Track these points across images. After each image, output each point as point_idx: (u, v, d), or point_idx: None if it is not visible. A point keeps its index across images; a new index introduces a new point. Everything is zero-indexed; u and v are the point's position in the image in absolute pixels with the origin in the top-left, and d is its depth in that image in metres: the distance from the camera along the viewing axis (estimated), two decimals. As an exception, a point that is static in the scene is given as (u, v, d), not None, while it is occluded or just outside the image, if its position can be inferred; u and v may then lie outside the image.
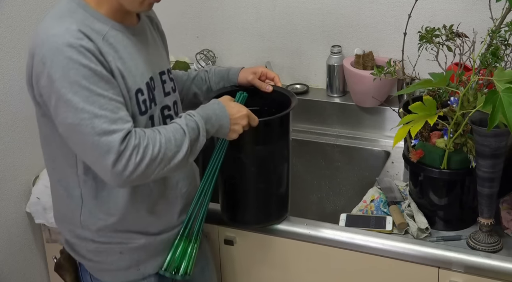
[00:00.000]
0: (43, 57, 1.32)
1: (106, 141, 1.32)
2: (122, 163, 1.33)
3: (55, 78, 1.31)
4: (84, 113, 1.32)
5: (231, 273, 1.92)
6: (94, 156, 1.35)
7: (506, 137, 1.53)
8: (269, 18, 2.39)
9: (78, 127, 1.33)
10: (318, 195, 2.29)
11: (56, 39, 1.32)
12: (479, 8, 2.07)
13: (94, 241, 1.55)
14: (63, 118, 1.34)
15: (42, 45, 1.33)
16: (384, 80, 1.84)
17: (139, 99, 1.45)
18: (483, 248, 1.63)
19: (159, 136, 1.39)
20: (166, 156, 1.38)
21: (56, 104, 1.34)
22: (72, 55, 1.31)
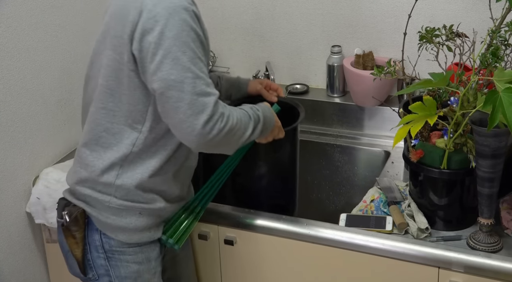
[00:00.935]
0: (156, 15, 1.42)
1: (203, 101, 1.44)
2: (210, 125, 1.45)
3: (168, 36, 1.42)
4: (189, 72, 1.43)
5: (231, 273, 1.92)
6: (186, 114, 1.44)
7: (506, 137, 1.53)
8: (269, 18, 2.39)
9: (179, 85, 1.43)
10: (318, 195, 2.29)
11: (171, 1, 1.43)
12: (479, 8, 2.07)
13: (117, 197, 1.60)
14: (167, 74, 1.43)
15: (158, 4, 1.43)
16: (384, 80, 1.84)
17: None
18: (483, 248, 1.63)
19: (234, 111, 1.53)
20: (239, 131, 1.53)
21: (162, 60, 1.43)
22: (186, 18, 1.43)
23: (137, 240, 1.64)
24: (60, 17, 2.10)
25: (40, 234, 2.12)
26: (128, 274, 1.66)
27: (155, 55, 1.43)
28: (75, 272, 1.70)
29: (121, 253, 1.65)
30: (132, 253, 1.65)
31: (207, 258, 1.93)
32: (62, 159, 2.16)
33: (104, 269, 1.65)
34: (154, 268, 1.69)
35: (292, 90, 2.39)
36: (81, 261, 1.65)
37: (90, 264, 1.66)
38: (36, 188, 2.02)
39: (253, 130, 1.60)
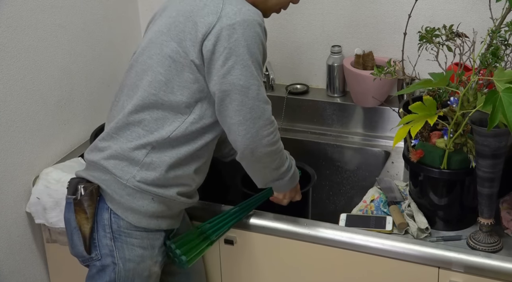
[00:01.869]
0: (236, 23, 1.55)
1: (263, 108, 1.60)
2: (265, 132, 1.61)
3: (244, 44, 1.55)
4: (255, 80, 1.58)
5: (231, 273, 1.92)
6: (245, 117, 1.58)
7: (506, 137, 1.53)
8: (269, 18, 2.38)
9: (245, 90, 1.57)
10: (318, 195, 2.29)
11: (251, 14, 1.58)
12: (479, 8, 2.07)
13: (136, 178, 1.63)
14: (236, 78, 1.56)
15: (238, 14, 1.56)
16: (384, 80, 1.84)
17: None
18: (483, 248, 1.63)
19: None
20: (280, 158, 1.71)
21: (233, 65, 1.56)
22: (260, 32, 1.59)
23: (145, 224, 1.67)
24: (60, 17, 2.10)
25: (40, 234, 2.12)
26: (132, 257, 1.67)
27: (228, 60, 1.55)
28: (77, 251, 1.69)
29: (128, 235, 1.66)
30: (138, 237, 1.67)
31: (207, 258, 1.93)
32: (62, 159, 2.15)
33: (109, 249, 1.66)
34: (156, 257, 1.71)
35: (292, 90, 2.39)
36: (88, 238, 1.66)
37: (95, 243, 1.66)
38: (36, 188, 2.02)
39: (286, 171, 1.75)
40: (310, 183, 1.99)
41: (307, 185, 1.98)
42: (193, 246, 1.74)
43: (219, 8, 1.58)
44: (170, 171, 1.65)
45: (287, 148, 1.77)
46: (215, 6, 1.58)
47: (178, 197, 1.69)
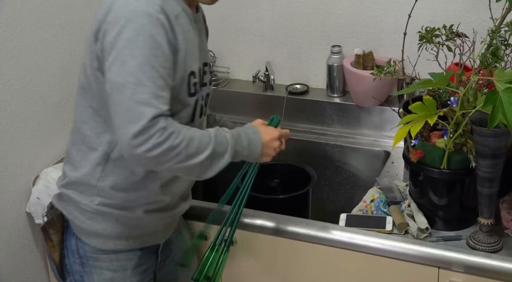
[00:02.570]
0: (120, 15, 1.39)
1: (139, 111, 1.36)
2: (143, 138, 1.35)
3: (123, 38, 1.37)
4: (132, 78, 1.36)
5: (231, 273, 1.92)
6: (122, 120, 1.37)
7: (506, 137, 1.53)
8: (269, 18, 2.39)
9: (121, 88, 1.37)
10: (318, 195, 2.29)
11: (139, 4, 1.39)
12: (479, 8, 2.07)
13: (94, 203, 1.57)
14: (114, 75, 1.39)
15: (124, 6, 1.40)
16: (384, 80, 1.84)
17: (190, 81, 1.51)
18: (483, 248, 1.63)
19: (185, 130, 1.41)
20: (185, 151, 1.40)
21: (113, 61, 1.39)
22: (147, 24, 1.38)
23: (112, 247, 1.62)
24: (60, 17, 2.10)
25: (40, 234, 2.12)
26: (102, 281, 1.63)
27: (109, 55, 1.40)
28: (56, 277, 1.68)
29: (95, 260, 1.62)
30: (106, 260, 1.63)
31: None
32: (62, 159, 2.15)
33: (79, 274, 1.64)
34: (129, 278, 1.66)
35: (292, 90, 2.39)
36: (58, 265, 1.64)
37: (68, 268, 1.65)
38: (36, 188, 2.02)
39: (217, 155, 1.46)
40: (310, 183, 1.99)
41: (307, 185, 1.98)
42: (212, 265, 1.66)
43: (110, 2, 1.42)
44: (129, 193, 1.57)
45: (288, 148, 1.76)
46: (109, 1, 1.43)
47: (149, 215, 1.61)
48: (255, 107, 2.41)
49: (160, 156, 1.37)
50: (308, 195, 1.99)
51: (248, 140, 1.54)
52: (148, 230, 1.66)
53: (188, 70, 1.50)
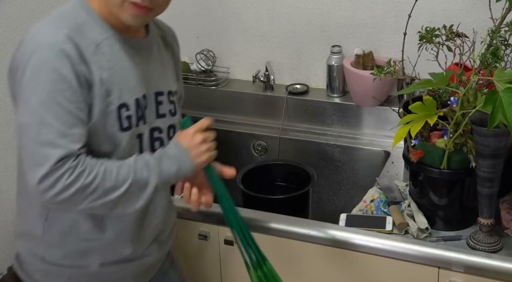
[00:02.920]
0: (26, 49, 1.29)
1: (44, 153, 1.25)
2: (50, 181, 1.25)
3: (26, 75, 1.27)
4: (35, 117, 1.26)
5: (231, 273, 1.92)
6: (28, 164, 1.28)
7: (506, 137, 1.53)
8: (269, 18, 2.39)
9: (25, 130, 1.28)
10: (318, 195, 2.29)
11: (41, 37, 1.29)
12: (479, 8, 2.07)
13: (44, 260, 1.47)
14: (19, 116, 1.31)
15: (31, 38, 1.31)
16: (384, 80, 1.84)
17: (121, 114, 1.37)
18: (483, 248, 1.63)
19: (99, 166, 1.30)
20: (102, 187, 1.29)
21: (19, 100, 1.31)
22: (48, 56, 1.27)
23: None
24: (60, 17, 2.10)
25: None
26: None
27: (17, 94, 1.31)
28: None
29: None
30: None
31: (207, 258, 1.93)
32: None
33: None
34: None
35: (292, 90, 2.39)
36: None
37: None
38: (36, 188, 2.02)
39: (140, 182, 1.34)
40: (310, 183, 1.99)
41: (307, 185, 1.98)
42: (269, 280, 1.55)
43: (25, 36, 1.32)
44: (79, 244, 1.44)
45: (288, 148, 1.77)
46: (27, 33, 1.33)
47: (106, 269, 1.48)
48: (255, 107, 2.41)
49: (73, 196, 1.27)
50: (308, 195, 1.99)
51: (171, 154, 1.40)
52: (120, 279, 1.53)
53: (116, 103, 1.36)
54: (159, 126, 1.47)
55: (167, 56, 1.56)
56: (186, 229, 1.88)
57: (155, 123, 1.46)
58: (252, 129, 2.39)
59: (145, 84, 1.44)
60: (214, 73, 2.51)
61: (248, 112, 2.42)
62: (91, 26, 1.35)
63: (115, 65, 1.36)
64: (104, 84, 1.34)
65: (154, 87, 1.47)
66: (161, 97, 1.48)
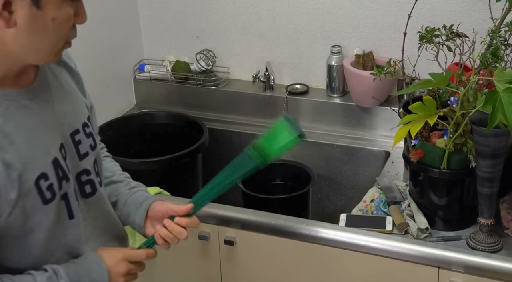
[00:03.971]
0: None
1: None
2: None
3: None
4: None
5: (231, 273, 1.92)
6: None
7: (506, 137, 1.53)
8: (269, 18, 2.39)
9: None
10: (318, 195, 2.29)
11: None
12: (479, 8, 2.07)
13: None
14: None
15: None
16: (384, 80, 1.84)
17: (41, 187, 1.16)
18: (483, 248, 1.63)
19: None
20: None
21: None
22: None
23: None
24: (60, 17, 2.09)
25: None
26: None
27: None
28: None
29: None
30: None
31: (207, 258, 1.93)
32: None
33: None
34: None
35: (292, 90, 2.39)
36: None
37: None
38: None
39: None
40: (310, 183, 1.98)
41: (307, 185, 1.98)
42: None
43: None
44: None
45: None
46: None
47: None
48: (255, 107, 2.41)
49: None
50: (308, 195, 1.99)
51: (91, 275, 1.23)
52: None
53: (32, 179, 1.14)
54: (85, 168, 1.28)
55: (66, 79, 1.31)
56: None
57: (80, 167, 1.27)
58: (252, 129, 2.39)
59: (58, 132, 1.22)
60: (214, 73, 2.51)
61: (248, 112, 2.42)
62: None
63: (17, 136, 1.12)
64: (11, 167, 1.11)
65: (68, 128, 1.25)
66: (78, 136, 1.27)
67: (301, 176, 2.05)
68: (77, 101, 1.32)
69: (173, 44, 2.55)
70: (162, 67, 2.53)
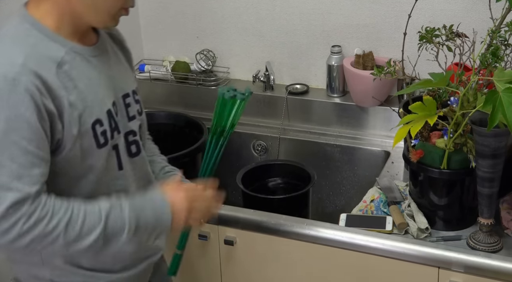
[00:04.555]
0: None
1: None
2: (4, 227, 1.17)
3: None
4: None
5: (231, 273, 1.92)
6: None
7: (506, 137, 1.53)
8: (269, 18, 2.39)
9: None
10: (318, 195, 2.29)
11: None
12: (479, 8, 2.07)
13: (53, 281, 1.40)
14: None
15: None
16: (384, 80, 1.84)
17: (97, 131, 1.31)
18: (483, 248, 1.63)
19: (63, 211, 1.22)
20: (64, 236, 1.21)
21: None
22: (3, 93, 1.17)
23: None
24: (60, 17, 2.09)
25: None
26: None
27: None
28: None
29: None
30: None
31: (207, 258, 1.93)
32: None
33: None
34: None
35: (292, 90, 2.39)
36: None
37: None
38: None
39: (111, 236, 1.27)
40: (310, 183, 1.99)
41: (307, 185, 1.98)
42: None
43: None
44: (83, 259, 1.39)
45: (288, 148, 1.77)
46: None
47: (118, 275, 1.44)
48: (255, 107, 2.41)
49: (31, 244, 1.20)
50: (308, 195, 1.99)
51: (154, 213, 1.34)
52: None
53: (89, 122, 1.29)
54: (132, 129, 1.42)
55: (120, 53, 1.49)
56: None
57: (128, 127, 1.41)
58: (252, 129, 2.39)
59: (112, 91, 1.37)
60: (214, 73, 2.51)
61: (248, 112, 2.41)
62: (46, 45, 1.25)
63: (80, 82, 1.28)
64: (74, 107, 1.26)
65: (120, 90, 1.41)
66: (128, 99, 1.43)
67: (301, 176, 2.05)
68: (128, 72, 1.49)
69: (173, 44, 2.55)
70: (162, 67, 2.53)
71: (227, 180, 2.15)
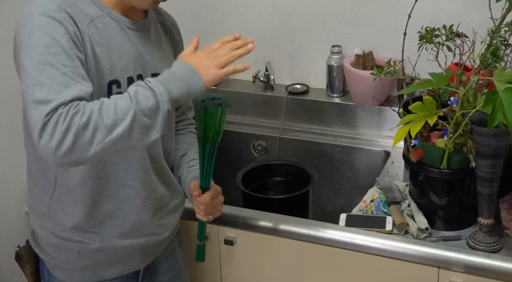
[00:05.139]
0: (19, 24, 1.33)
1: (40, 110, 1.23)
2: (47, 133, 1.22)
3: (21, 44, 1.30)
4: (30, 80, 1.26)
5: (231, 273, 1.92)
6: (31, 128, 1.25)
7: (506, 137, 1.53)
8: (269, 18, 2.39)
9: (24, 95, 1.27)
10: (318, 195, 2.29)
11: (32, 8, 1.31)
12: (479, 8, 2.07)
13: (54, 234, 1.51)
14: (21, 85, 1.30)
15: (21, 12, 1.34)
16: (384, 80, 1.84)
17: (112, 90, 1.39)
18: (483, 248, 1.63)
19: (92, 104, 1.26)
20: (102, 123, 1.24)
21: (18, 70, 1.35)
22: (40, 23, 1.29)
23: (78, 280, 1.55)
24: (60, 17, 2.09)
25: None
26: None
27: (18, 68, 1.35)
28: None
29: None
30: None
31: (207, 258, 1.93)
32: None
33: None
34: None
35: (292, 90, 2.39)
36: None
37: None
38: (36, 188, 2.02)
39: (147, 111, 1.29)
40: (310, 183, 1.99)
41: (307, 185, 1.98)
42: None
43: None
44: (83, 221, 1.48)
45: (288, 148, 1.77)
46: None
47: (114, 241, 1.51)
48: (255, 107, 2.41)
49: (76, 142, 1.22)
50: (308, 195, 1.99)
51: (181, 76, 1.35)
52: (117, 260, 1.56)
53: (107, 79, 1.39)
54: None
55: (165, 40, 1.59)
56: (187, 229, 1.88)
57: None
58: (252, 129, 2.39)
59: (141, 64, 1.46)
60: (214, 73, 2.51)
61: (248, 112, 2.42)
62: (86, 3, 1.38)
63: (108, 42, 1.39)
64: (96, 58, 1.36)
65: (151, 67, 1.48)
66: None
67: (301, 176, 2.05)
68: (167, 58, 1.54)
69: (173, 44, 2.55)
70: (162, 67, 2.52)
71: (227, 180, 2.15)
